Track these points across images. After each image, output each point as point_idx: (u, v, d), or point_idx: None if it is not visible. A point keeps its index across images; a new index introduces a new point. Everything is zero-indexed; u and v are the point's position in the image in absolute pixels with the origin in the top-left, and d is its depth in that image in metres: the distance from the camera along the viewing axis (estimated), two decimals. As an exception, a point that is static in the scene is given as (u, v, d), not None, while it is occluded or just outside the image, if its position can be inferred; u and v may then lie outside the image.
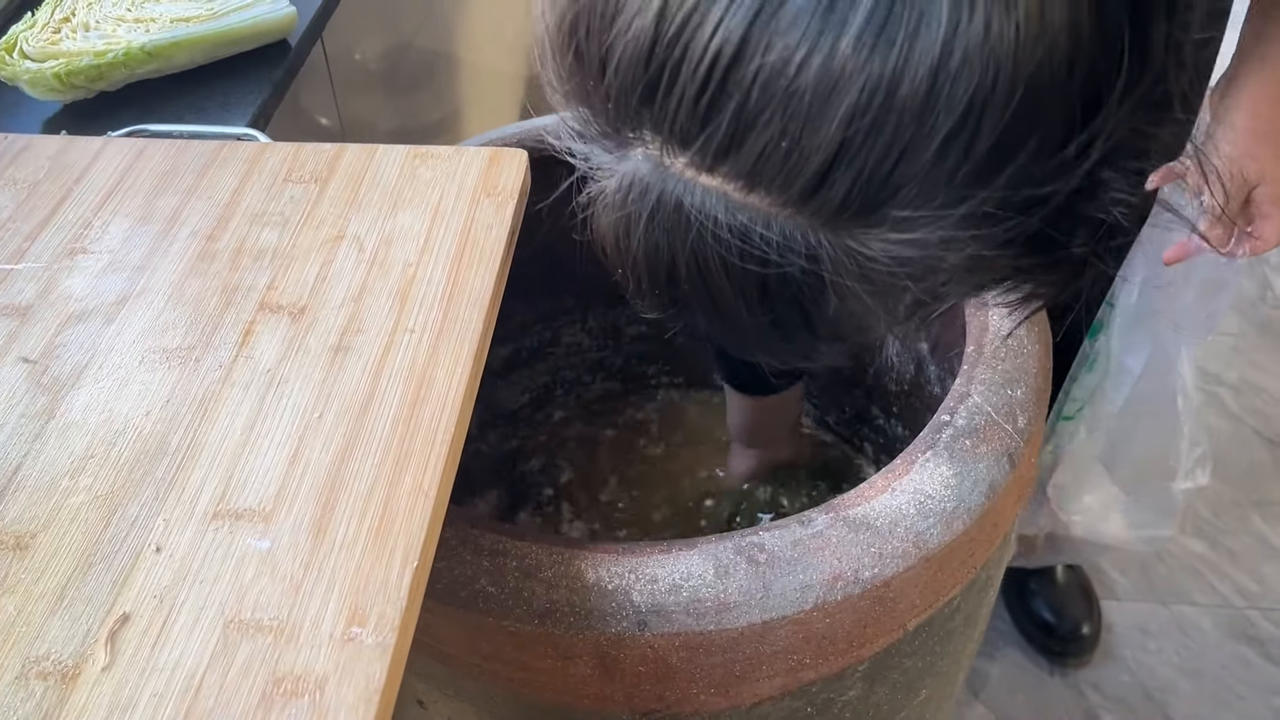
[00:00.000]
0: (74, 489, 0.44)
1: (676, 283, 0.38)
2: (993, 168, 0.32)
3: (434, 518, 0.43)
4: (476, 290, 0.52)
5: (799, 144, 0.32)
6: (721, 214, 0.35)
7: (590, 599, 0.53)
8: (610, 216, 0.38)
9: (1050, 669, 1.24)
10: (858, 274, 0.35)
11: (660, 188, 0.35)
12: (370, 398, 0.47)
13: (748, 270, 0.35)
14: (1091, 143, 0.33)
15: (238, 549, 0.41)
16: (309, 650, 0.38)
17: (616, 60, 0.34)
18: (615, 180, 0.37)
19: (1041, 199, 0.33)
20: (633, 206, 0.37)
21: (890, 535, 0.55)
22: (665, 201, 0.36)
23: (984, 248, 0.34)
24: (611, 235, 0.39)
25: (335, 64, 0.96)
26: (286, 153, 0.61)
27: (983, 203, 0.33)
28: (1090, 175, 0.33)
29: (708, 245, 0.35)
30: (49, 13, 0.73)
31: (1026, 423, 0.61)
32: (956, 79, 0.30)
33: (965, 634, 0.66)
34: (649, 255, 0.37)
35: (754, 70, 0.32)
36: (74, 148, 0.62)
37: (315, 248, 0.54)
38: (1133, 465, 0.86)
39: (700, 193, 0.35)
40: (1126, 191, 0.35)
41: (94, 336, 0.50)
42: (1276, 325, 1.67)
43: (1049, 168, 0.33)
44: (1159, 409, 0.81)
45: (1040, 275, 0.37)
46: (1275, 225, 0.68)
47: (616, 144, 0.37)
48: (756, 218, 0.34)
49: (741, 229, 0.35)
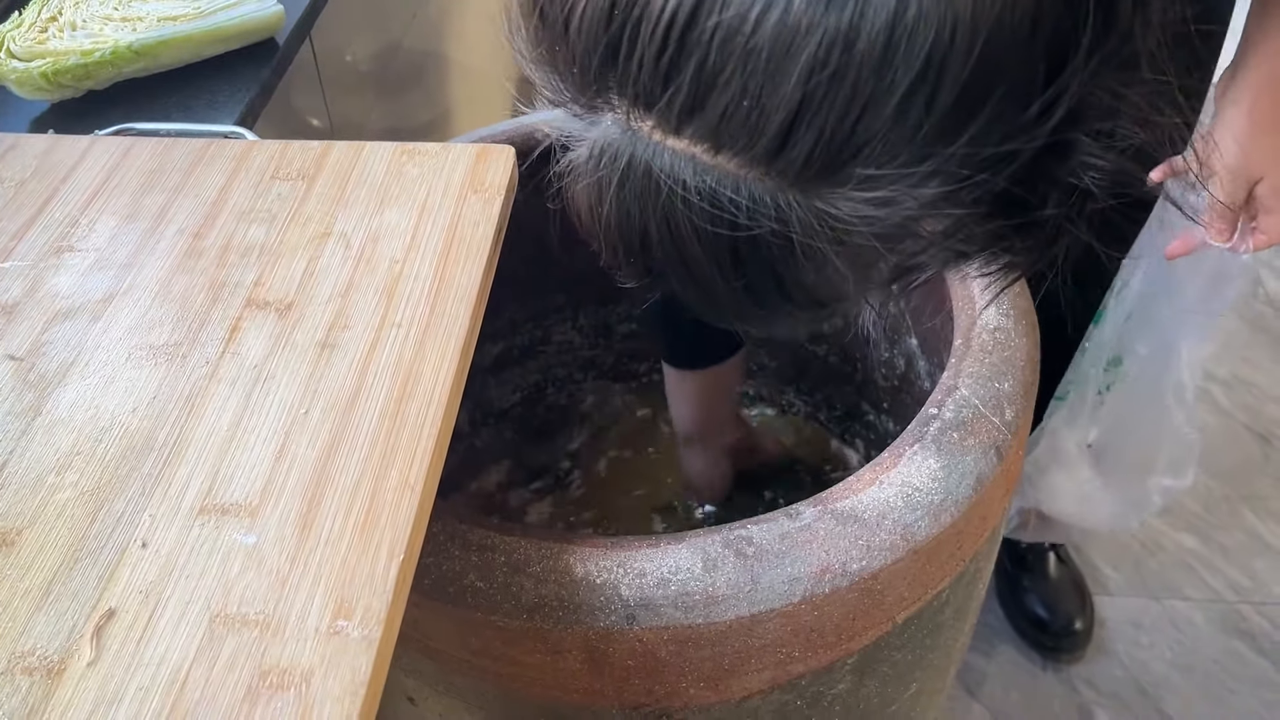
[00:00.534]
0: (60, 485, 0.44)
1: (650, 249, 0.38)
2: (955, 124, 0.32)
3: (420, 511, 0.43)
4: (463, 286, 0.52)
5: (760, 102, 0.32)
6: (690, 177, 0.35)
7: (579, 593, 0.53)
8: (583, 183, 0.38)
9: (1044, 665, 1.24)
10: (827, 235, 0.35)
11: (630, 152, 0.36)
12: (357, 393, 0.47)
13: (718, 234, 0.35)
14: (1056, 100, 0.32)
15: (224, 544, 0.41)
16: (295, 644, 0.38)
17: (578, 22, 0.34)
18: (586, 147, 0.37)
19: (1007, 157, 0.33)
20: (604, 172, 0.37)
21: (878, 528, 0.55)
22: (635, 166, 0.36)
23: (952, 207, 0.34)
24: (585, 203, 0.39)
25: (325, 65, 0.96)
26: (274, 150, 0.61)
27: (947, 160, 0.33)
28: (1057, 135, 0.33)
29: (678, 210, 0.35)
30: (36, 12, 0.73)
31: (1014, 415, 0.61)
32: (914, 33, 0.31)
33: (955, 627, 0.67)
34: (621, 222, 0.38)
35: (711, 27, 0.32)
36: (61, 146, 0.62)
37: (302, 244, 0.54)
38: (1115, 453, 0.86)
39: (669, 156, 0.35)
40: (1097, 155, 0.35)
41: (80, 334, 0.50)
42: (1268, 321, 1.68)
43: (1014, 125, 0.33)
44: (1149, 402, 0.81)
45: (1014, 241, 0.37)
46: (1277, 222, 0.67)
47: (586, 109, 0.37)
48: (725, 180, 0.34)
49: (710, 192, 0.35)
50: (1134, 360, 0.81)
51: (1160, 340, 0.79)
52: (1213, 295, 0.74)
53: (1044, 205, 0.36)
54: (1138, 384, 0.82)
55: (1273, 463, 1.47)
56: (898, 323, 0.86)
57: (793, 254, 0.36)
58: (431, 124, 1.35)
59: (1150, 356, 0.80)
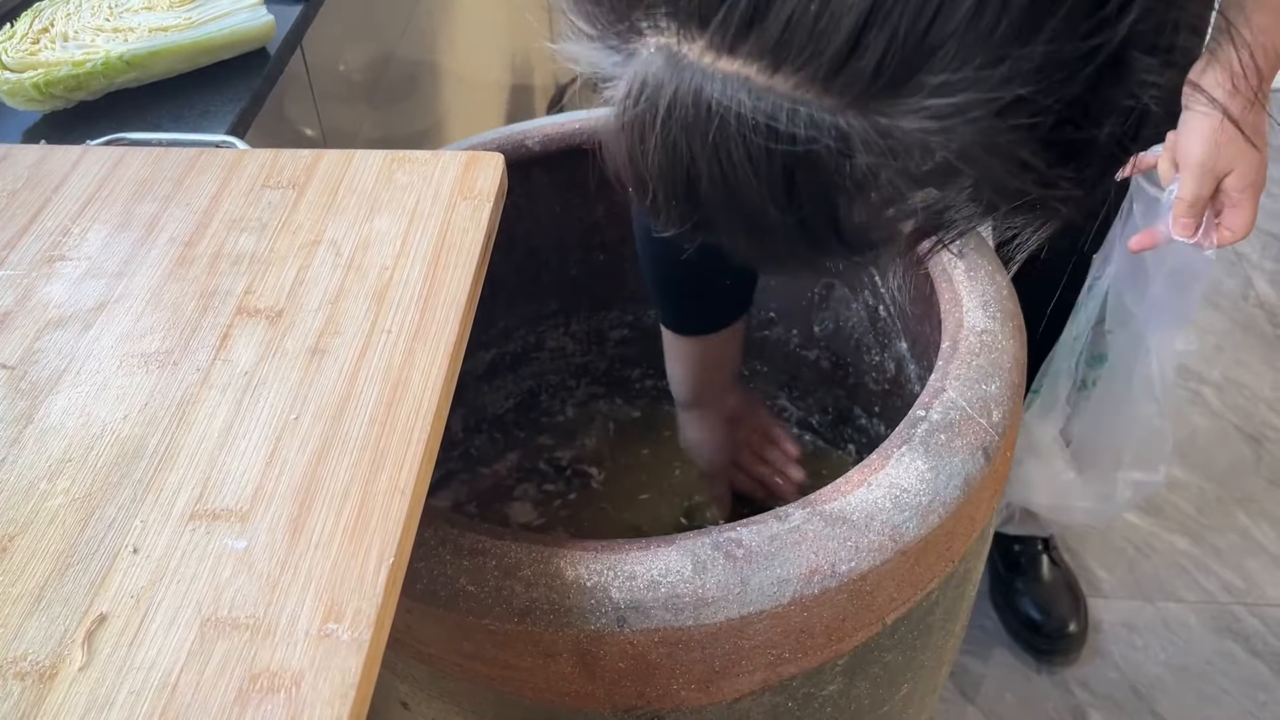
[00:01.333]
0: (52, 492, 0.44)
1: (697, 188, 0.36)
2: (1033, 21, 0.30)
3: (410, 516, 0.43)
4: (453, 292, 0.52)
5: (828, 6, 0.30)
6: (744, 100, 0.33)
7: (570, 596, 0.53)
8: (622, 122, 0.36)
9: (1038, 667, 1.24)
10: (889, 152, 0.33)
11: (676, 82, 0.33)
12: (347, 399, 0.47)
13: (773, 161, 0.33)
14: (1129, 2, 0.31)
15: (215, 549, 0.41)
16: (285, 647, 0.38)
17: None
18: (625, 83, 0.35)
19: (1082, 59, 0.31)
20: (646, 106, 0.34)
21: (866, 529, 0.55)
22: (682, 96, 0.33)
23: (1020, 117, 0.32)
24: (625, 143, 0.36)
25: (317, 74, 0.96)
26: (264, 159, 0.61)
27: (1022, 60, 0.31)
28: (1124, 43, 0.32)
29: (730, 137, 0.33)
30: (28, 24, 0.73)
31: (1001, 417, 0.61)
32: None
33: (945, 628, 0.67)
34: (667, 158, 0.35)
35: None
36: (53, 156, 0.62)
37: (293, 252, 0.55)
38: (1088, 447, 0.87)
39: (720, 80, 0.33)
40: (1156, 72, 0.33)
41: (72, 342, 0.51)
42: (1259, 324, 1.69)
43: (1089, 25, 0.31)
44: (1121, 397, 0.82)
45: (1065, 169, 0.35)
46: (1244, 215, 0.68)
47: (626, 38, 0.35)
48: (781, 103, 0.32)
49: (766, 115, 0.32)
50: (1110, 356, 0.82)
51: (1129, 335, 0.79)
52: (1179, 291, 0.75)
53: (1102, 124, 0.34)
54: (1110, 379, 0.83)
55: (1265, 464, 1.48)
56: (888, 326, 0.87)
57: (851, 180, 0.34)
58: (424, 133, 1.36)
59: (1120, 351, 0.80)
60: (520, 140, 0.84)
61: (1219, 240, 0.70)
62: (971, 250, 0.71)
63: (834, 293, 0.92)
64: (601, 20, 0.35)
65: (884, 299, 0.86)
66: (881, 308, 0.86)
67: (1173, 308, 0.76)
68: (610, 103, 0.36)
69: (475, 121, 1.57)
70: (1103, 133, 0.34)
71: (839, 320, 0.93)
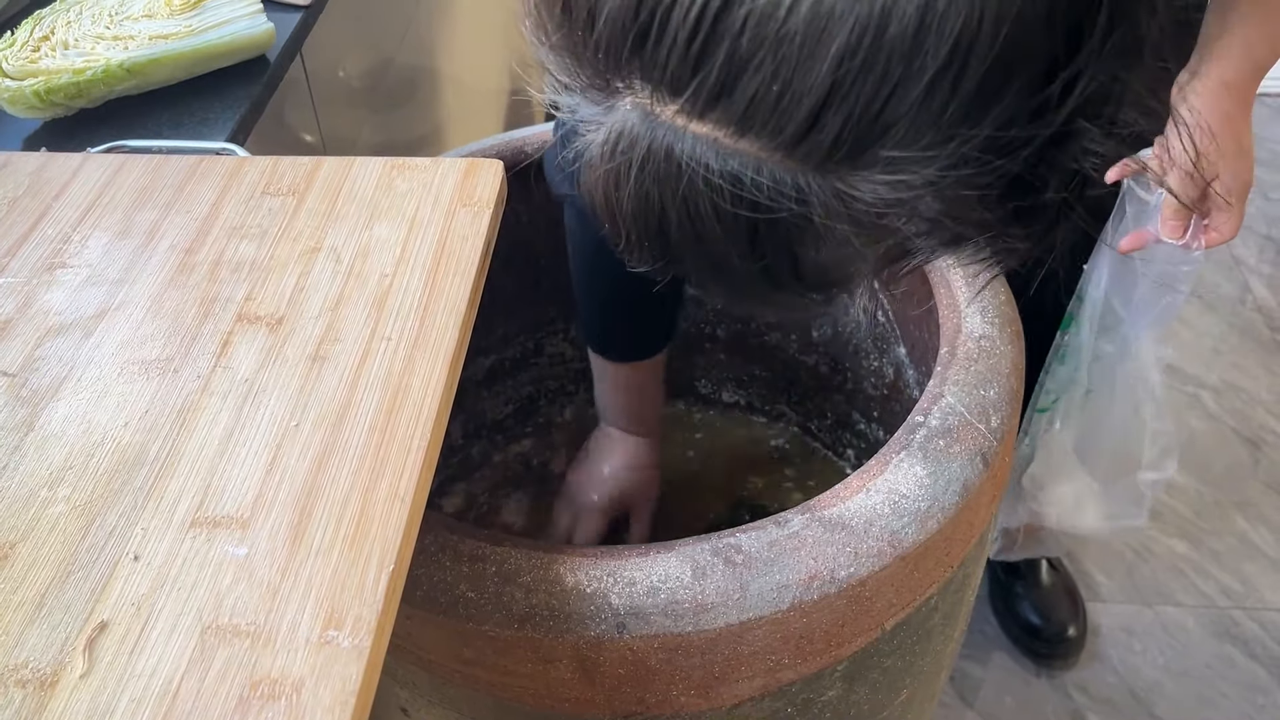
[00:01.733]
0: (53, 499, 0.44)
1: (667, 233, 0.38)
2: (980, 106, 0.33)
3: (410, 522, 0.43)
4: (453, 299, 0.53)
5: (790, 87, 0.32)
6: (713, 160, 0.35)
7: (569, 602, 0.54)
8: (599, 169, 0.38)
9: (1037, 671, 1.25)
10: (846, 216, 0.35)
11: (650, 137, 0.36)
12: (347, 406, 0.47)
13: (739, 215, 0.36)
14: (1072, 84, 0.33)
15: (215, 556, 0.41)
16: (286, 654, 0.38)
17: (606, 10, 0.34)
18: (603, 132, 0.37)
19: (1024, 141, 0.34)
20: (622, 158, 0.37)
21: (865, 535, 0.55)
22: (655, 151, 0.36)
23: (965, 189, 0.34)
24: (600, 188, 0.39)
25: (316, 81, 0.96)
26: (265, 166, 0.61)
27: (968, 142, 0.33)
28: (1070, 119, 0.34)
29: (699, 192, 0.36)
30: (28, 31, 0.74)
31: (1000, 422, 0.62)
32: (944, 17, 0.31)
33: (944, 634, 0.67)
34: (639, 205, 0.37)
35: (744, 15, 0.32)
36: (54, 164, 0.62)
37: (293, 259, 0.55)
38: (1102, 455, 0.87)
39: (691, 140, 0.35)
40: (1098, 141, 0.35)
41: (73, 349, 0.51)
42: (1256, 328, 1.69)
43: (1033, 106, 0.33)
44: (1125, 399, 0.82)
45: (1015, 227, 0.38)
46: (1232, 218, 0.69)
47: (604, 94, 0.37)
48: (747, 163, 0.35)
49: (733, 175, 0.35)
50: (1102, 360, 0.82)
51: (1119, 340, 0.80)
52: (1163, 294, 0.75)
53: (1045, 189, 0.36)
54: (1106, 383, 0.83)
55: (1262, 468, 1.48)
56: (886, 332, 0.87)
57: (811, 234, 0.36)
58: (424, 139, 1.36)
59: (1112, 356, 0.81)
60: (520, 147, 0.84)
61: (1207, 241, 0.71)
62: (969, 256, 0.71)
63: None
64: (582, 77, 0.37)
65: (882, 304, 0.86)
66: (880, 313, 0.87)
67: (1158, 308, 0.76)
68: (589, 146, 0.38)
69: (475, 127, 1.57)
70: (1048, 194, 0.36)
71: (837, 325, 0.93)
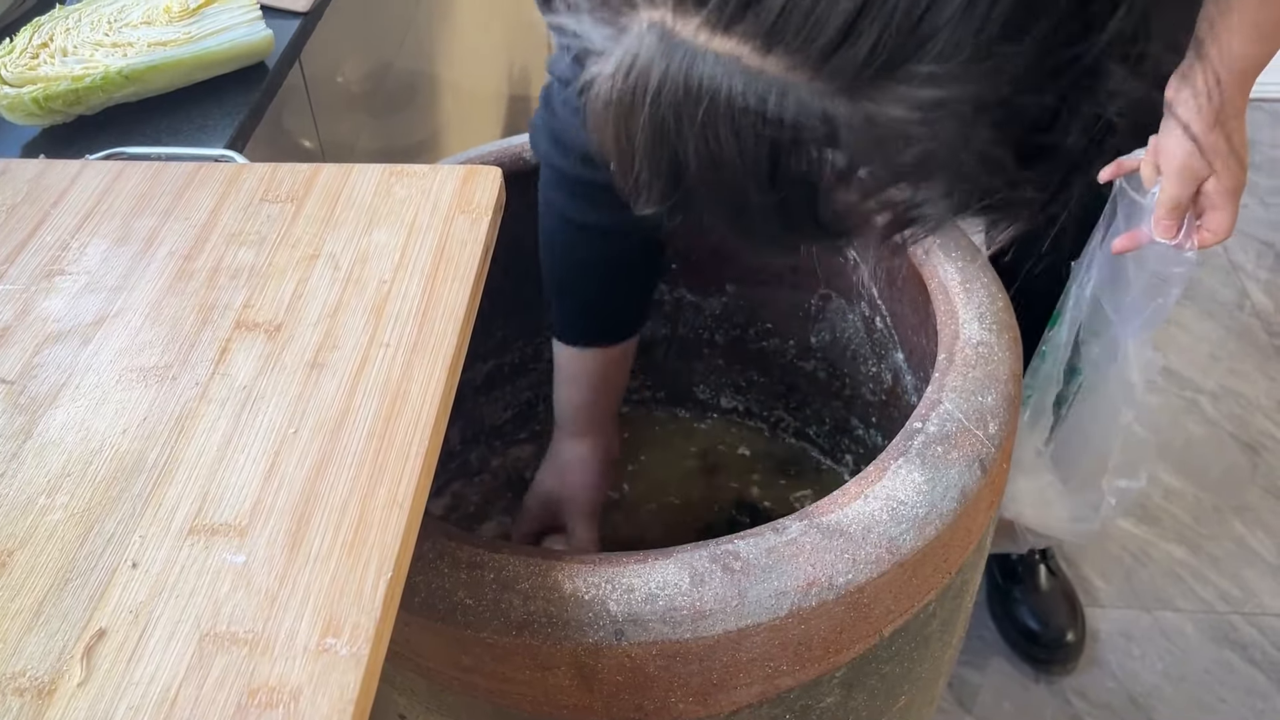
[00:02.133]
0: (51, 507, 0.44)
1: (682, 166, 0.36)
2: (1020, 23, 0.31)
3: (408, 529, 0.43)
4: (451, 305, 0.53)
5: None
6: (734, 83, 0.33)
7: (567, 609, 0.54)
8: (609, 99, 0.36)
9: (1036, 677, 1.24)
10: (872, 144, 0.33)
11: (667, 60, 0.34)
12: (345, 413, 0.47)
13: (760, 140, 0.34)
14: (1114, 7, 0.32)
15: (213, 563, 0.41)
16: (284, 661, 0.38)
17: None
18: (614, 60, 0.35)
19: (1059, 69, 0.32)
20: (636, 83, 0.35)
21: (864, 541, 0.55)
22: (673, 74, 0.34)
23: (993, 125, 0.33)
24: (611, 119, 0.36)
25: (315, 86, 0.96)
26: (263, 173, 0.61)
27: (1006, 63, 0.32)
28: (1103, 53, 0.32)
29: (719, 117, 0.34)
30: (27, 39, 0.74)
31: (997, 429, 0.62)
32: None
33: (943, 640, 0.67)
34: (653, 136, 0.35)
35: None
36: (52, 171, 0.62)
37: (291, 266, 0.55)
38: (1071, 456, 0.87)
39: (711, 60, 0.33)
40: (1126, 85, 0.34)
41: (71, 356, 0.51)
42: (1254, 332, 1.69)
43: (1073, 29, 0.32)
44: (1101, 403, 0.83)
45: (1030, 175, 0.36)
46: (1225, 217, 0.69)
47: (619, 12, 0.35)
48: (770, 86, 0.33)
49: (758, 96, 0.33)
50: (1088, 365, 0.82)
51: (1108, 342, 0.80)
52: (1154, 295, 0.76)
53: (1068, 134, 0.35)
54: (1090, 387, 0.83)
55: (1261, 472, 1.48)
56: (884, 337, 0.87)
57: (833, 167, 0.34)
58: (422, 144, 1.36)
59: (1100, 358, 0.81)
60: (518, 153, 0.84)
61: (1200, 242, 0.71)
62: (968, 261, 0.71)
63: (830, 304, 0.92)
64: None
65: (880, 310, 0.86)
66: (878, 319, 0.87)
67: (1149, 310, 0.76)
68: (596, 78, 0.36)
69: (473, 132, 1.57)
70: (1069, 139, 0.35)
71: (835, 331, 0.93)
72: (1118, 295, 0.78)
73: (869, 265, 0.83)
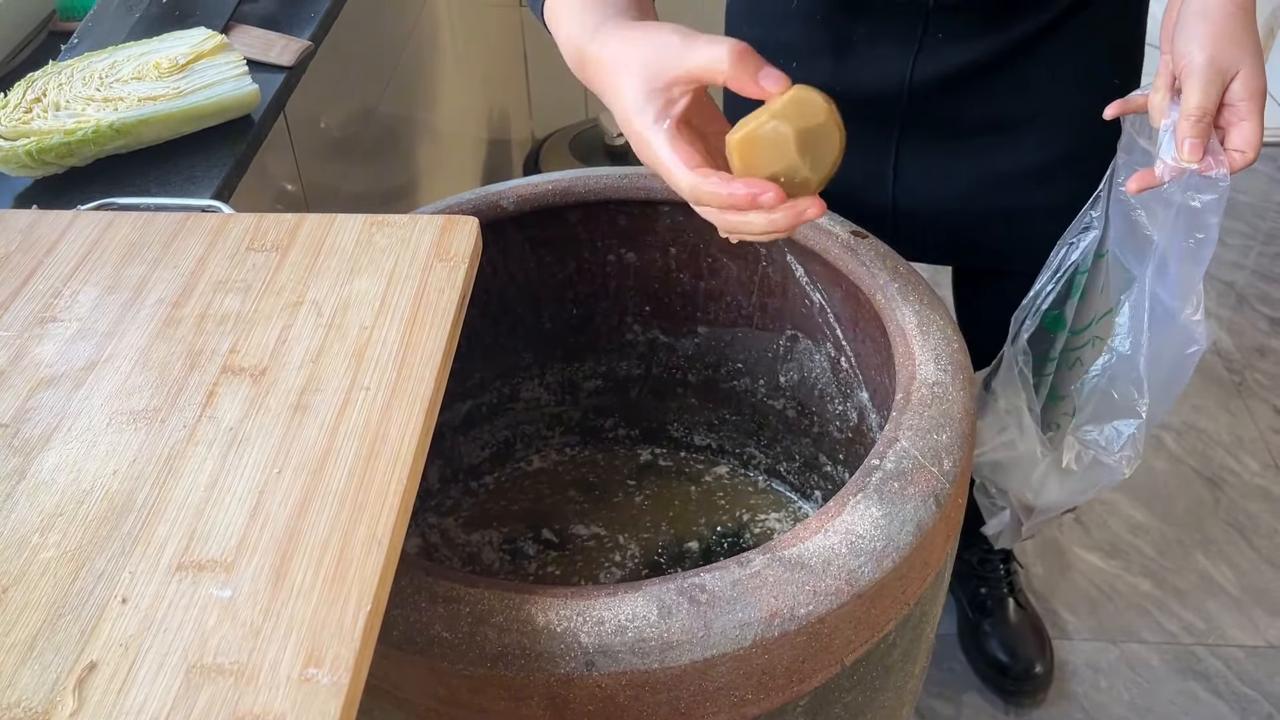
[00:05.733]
0: (44, 545, 0.46)
1: None
2: None
3: (386, 565, 0.45)
4: (429, 350, 0.55)
5: None
6: None
7: (540, 641, 0.56)
8: None
9: (1006, 708, 1.27)
10: None
11: None
12: (327, 453, 0.50)
13: None
14: None
15: (200, 598, 0.44)
16: (268, 691, 0.40)
17: None
18: None
19: None
20: None
21: (824, 574, 0.58)
22: None
23: None
24: None
25: (298, 133, 0.99)
26: (249, 223, 0.64)
27: None
28: None
29: None
30: (21, 93, 0.76)
31: (952, 465, 0.64)
32: None
33: (904, 669, 0.69)
34: None
35: None
36: (45, 221, 0.65)
37: (276, 313, 0.58)
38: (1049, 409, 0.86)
39: None
40: None
41: (63, 400, 0.53)
42: (1215, 371, 1.74)
43: None
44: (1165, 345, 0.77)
45: None
46: (1253, 128, 0.64)
47: None
48: None
49: None
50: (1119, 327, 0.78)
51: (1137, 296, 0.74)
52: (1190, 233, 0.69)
53: None
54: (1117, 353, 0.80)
55: (1223, 507, 1.52)
56: (850, 377, 0.90)
57: None
58: (404, 188, 1.39)
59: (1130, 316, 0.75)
60: (495, 201, 0.87)
61: (1231, 164, 0.64)
62: (924, 305, 0.74)
63: (798, 344, 0.95)
64: None
65: (845, 350, 0.89)
66: (843, 359, 0.90)
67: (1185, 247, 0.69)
68: None
69: (454, 176, 1.61)
70: None
71: (803, 371, 0.96)
72: (1137, 246, 0.72)
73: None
